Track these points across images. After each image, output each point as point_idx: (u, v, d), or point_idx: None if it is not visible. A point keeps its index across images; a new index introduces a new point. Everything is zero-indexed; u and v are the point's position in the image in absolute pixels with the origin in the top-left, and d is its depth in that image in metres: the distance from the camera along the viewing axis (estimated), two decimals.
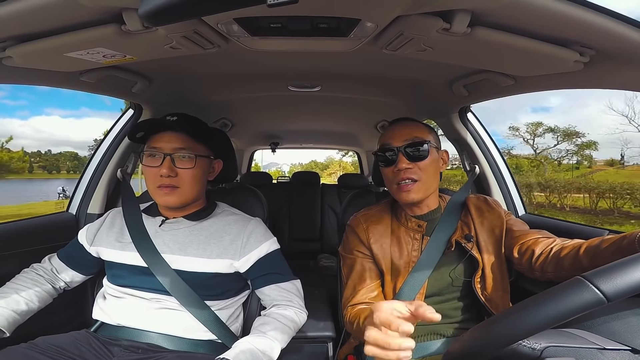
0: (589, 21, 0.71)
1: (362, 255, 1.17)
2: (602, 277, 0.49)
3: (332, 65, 1.32)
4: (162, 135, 1.12)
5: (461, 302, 1.11)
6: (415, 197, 1.10)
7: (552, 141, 32.03)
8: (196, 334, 1.09)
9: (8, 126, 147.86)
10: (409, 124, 1.18)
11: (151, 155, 1.11)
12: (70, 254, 1.23)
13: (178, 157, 1.11)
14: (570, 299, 0.49)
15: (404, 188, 1.10)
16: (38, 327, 1.12)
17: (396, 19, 0.80)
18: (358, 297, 1.11)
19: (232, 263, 1.13)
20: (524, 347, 0.59)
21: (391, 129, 1.17)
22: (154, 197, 1.15)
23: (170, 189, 1.11)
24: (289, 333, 1.08)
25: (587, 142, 30.85)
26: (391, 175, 1.13)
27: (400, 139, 1.12)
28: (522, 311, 0.54)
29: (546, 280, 0.98)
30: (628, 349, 0.58)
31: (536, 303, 0.53)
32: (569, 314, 0.49)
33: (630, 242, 0.74)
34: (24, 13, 0.73)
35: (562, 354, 0.58)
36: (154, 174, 1.10)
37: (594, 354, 0.57)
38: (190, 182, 1.13)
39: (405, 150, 1.10)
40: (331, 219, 3.38)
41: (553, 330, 0.61)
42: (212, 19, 0.81)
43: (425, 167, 1.11)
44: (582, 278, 0.50)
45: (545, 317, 0.51)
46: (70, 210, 1.62)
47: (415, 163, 1.10)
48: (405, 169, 1.09)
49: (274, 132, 3.36)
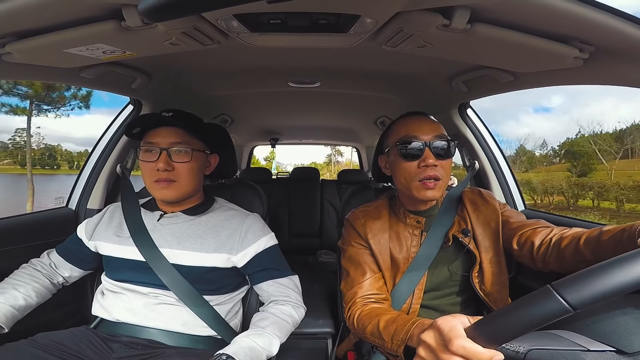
0: (588, 17, 0.72)
1: (361, 247, 1.16)
2: (567, 287, 0.50)
3: (331, 61, 1.32)
4: (159, 131, 1.12)
5: (460, 297, 1.12)
6: (436, 195, 1.06)
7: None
8: (195, 329, 1.09)
9: (9, 122, 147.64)
10: (432, 119, 1.13)
11: (148, 150, 1.12)
12: (69, 248, 1.24)
13: (174, 152, 1.11)
14: (538, 308, 0.50)
15: (428, 185, 1.04)
16: (38, 324, 1.12)
17: (396, 15, 0.80)
18: (365, 289, 1.08)
19: (229, 257, 1.13)
20: (508, 350, 0.59)
21: (415, 121, 1.10)
22: (152, 192, 1.15)
23: (167, 182, 1.11)
24: (287, 328, 1.08)
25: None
26: (414, 171, 1.05)
27: (429, 133, 1.06)
28: (494, 319, 0.56)
29: (549, 271, 0.97)
30: (613, 350, 0.58)
31: (506, 312, 0.54)
32: (537, 322, 0.50)
33: (630, 236, 0.74)
34: (23, 9, 0.73)
35: (545, 357, 0.58)
36: (151, 169, 1.10)
37: (578, 356, 0.57)
38: (187, 176, 1.13)
39: (432, 146, 1.05)
40: (331, 215, 3.38)
41: (538, 332, 0.61)
42: (211, 15, 0.81)
43: (447, 167, 1.07)
44: (550, 287, 0.51)
45: (515, 325, 0.52)
46: (70, 205, 1.62)
47: (439, 161, 1.05)
48: (432, 166, 1.03)
49: (274, 128, 3.36)
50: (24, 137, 66.12)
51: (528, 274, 1.40)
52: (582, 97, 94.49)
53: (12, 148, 48.62)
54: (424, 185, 1.04)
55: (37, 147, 70.61)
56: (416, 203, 1.16)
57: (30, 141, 23.33)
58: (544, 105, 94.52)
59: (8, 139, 49.69)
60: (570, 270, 0.54)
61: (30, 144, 23.53)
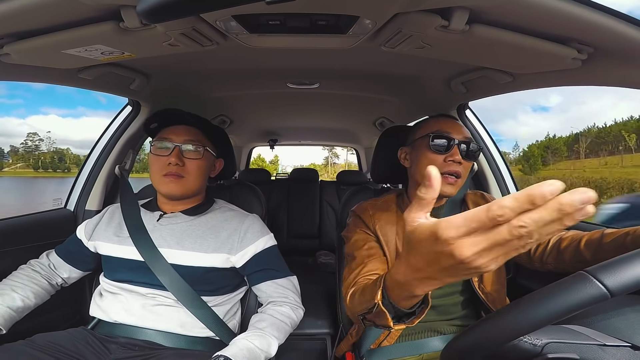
0: (587, 18, 0.72)
1: (369, 234, 1.14)
2: (605, 272, 0.49)
3: (330, 62, 1.32)
4: (174, 128, 1.17)
5: (461, 297, 1.12)
6: (453, 192, 1.08)
7: None
8: (193, 330, 1.09)
9: (7, 125, 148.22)
10: (462, 124, 1.17)
11: (161, 145, 1.14)
12: (68, 249, 1.24)
13: (187, 149, 1.15)
14: (574, 293, 0.49)
15: (449, 180, 1.07)
16: (36, 325, 1.12)
17: (394, 16, 0.80)
18: (368, 267, 1.04)
19: (228, 258, 1.13)
20: (525, 343, 0.59)
21: (447, 122, 1.14)
22: (158, 187, 1.16)
23: (176, 177, 1.13)
24: (285, 329, 1.08)
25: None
26: (440, 164, 1.08)
27: (459, 133, 1.10)
28: (525, 306, 0.54)
29: (546, 271, 0.99)
30: (628, 345, 0.58)
31: (539, 298, 0.52)
32: (572, 309, 0.49)
33: (635, 239, 0.74)
34: (21, 10, 0.73)
35: (563, 350, 0.58)
36: (162, 163, 1.12)
37: (595, 350, 0.57)
38: (195, 173, 1.16)
39: (461, 145, 1.09)
40: (330, 216, 3.38)
41: (554, 326, 0.61)
42: (210, 16, 0.81)
43: (467, 168, 1.11)
44: (586, 273, 0.50)
45: (548, 312, 0.51)
46: (68, 206, 1.62)
47: (463, 160, 1.08)
48: (457, 163, 1.07)
49: (273, 129, 3.36)
50: (36, 142, 67.05)
51: (527, 275, 1.40)
52: (580, 96, 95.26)
53: (23, 152, 49.13)
54: (445, 179, 1.07)
55: (48, 150, 71.42)
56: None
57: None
58: (542, 105, 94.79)
59: (20, 143, 50.42)
60: (568, 271, 0.54)
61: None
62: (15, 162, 53.95)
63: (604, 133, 56.27)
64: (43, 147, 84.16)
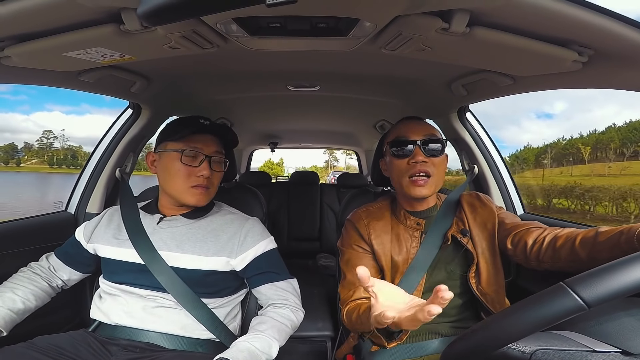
0: (587, 21, 0.72)
1: (362, 250, 1.18)
2: (583, 284, 0.50)
3: (331, 65, 1.32)
4: (200, 137, 1.15)
5: (459, 300, 1.12)
6: (426, 192, 1.11)
7: None
8: (194, 332, 1.09)
9: (11, 121, 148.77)
10: (424, 122, 1.21)
11: (192, 155, 1.13)
12: (67, 251, 1.24)
13: (215, 161, 1.17)
14: (552, 305, 0.51)
15: (417, 182, 1.10)
16: (36, 327, 1.11)
17: (395, 19, 0.80)
18: (358, 293, 1.11)
19: (228, 261, 1.13)
20: (514, 350, 0.59)
21: (407, 124, 1.18)
22: (183, 196, 1.14)
23: (205, 189, 1.15)
24: (286, 331, 1.08)
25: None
26: (404, 168, 1.13)
27: (419, 133, 1.13)
28: (506, 317, 0.56)
29: (544, 270, 0.99)
30: (618, 351, 0.58)
31: (519, 309, 0.54)
32: (550, 320, 0.50)
33: (629, 239, 0.74)
34: (22, 13, 0.73)
35: (551, 357, 0.58)
36: (190, 173, 1.13)
37: (584, 356, 0.57)
38: (217, 184, 1.21)
39: (422, 145, 1.11)
40: (330, 219, 3.38)
41: (544, 332, 0.61)
42: (211, 18, 0.81)
43: (439, 164, 1.13)
44: (564, 285, 0.51)
45: (527, 323, 0.52)
46: (69, 209, 1.61)
47: (430, 158, 1.11)
48: (421, 162, 1.10)
49: (273, 132, 3.36)
50: (51, 139, 68.33)
51: (528, 277, 1.40)
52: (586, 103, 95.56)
53: (37, 148, 49.75)
54: (414, 182, 1.11)
55: (62, 147, 72.44)
56: (412, 203, 1.19)
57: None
58: (547, 111, 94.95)
59: (36, 140, 51.17)
60: (564, 270, 0.54)
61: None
62: (30, 157, 54.95)
63: (569, 145, 62.60)
64: (57, 144, 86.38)
